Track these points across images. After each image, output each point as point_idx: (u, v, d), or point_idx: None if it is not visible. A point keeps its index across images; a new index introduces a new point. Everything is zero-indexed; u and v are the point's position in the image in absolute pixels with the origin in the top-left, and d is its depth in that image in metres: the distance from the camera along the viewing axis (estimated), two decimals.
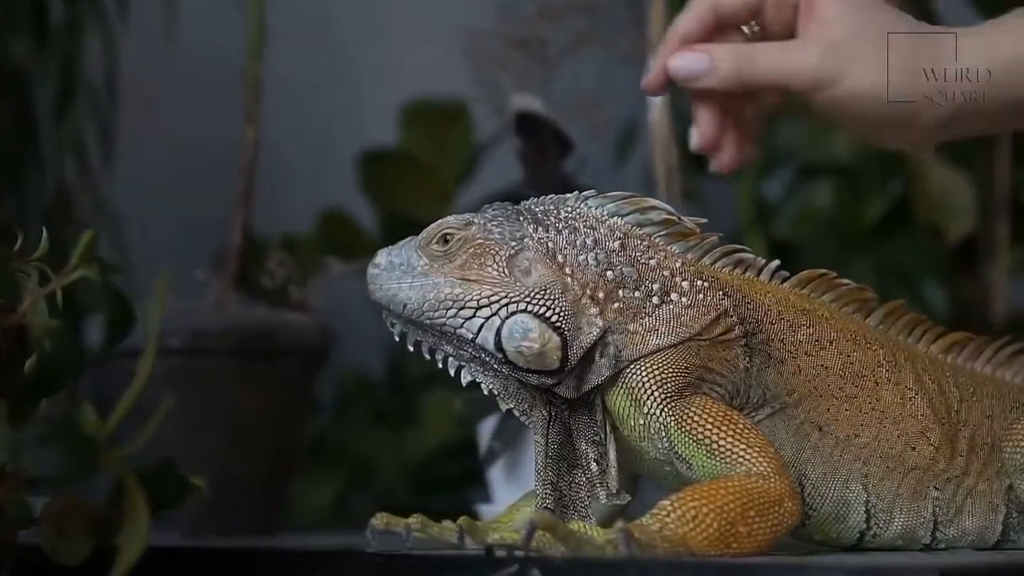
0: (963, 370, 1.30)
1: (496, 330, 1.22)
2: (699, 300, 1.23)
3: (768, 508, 1.13)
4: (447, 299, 1.23)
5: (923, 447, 1.25)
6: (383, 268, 1.25)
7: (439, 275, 1.23)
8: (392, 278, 1.25)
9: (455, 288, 1.23)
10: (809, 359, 1.25)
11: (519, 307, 1.22)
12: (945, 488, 1.25)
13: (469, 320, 1.22)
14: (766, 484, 1.14)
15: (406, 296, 1.24)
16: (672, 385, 1.21)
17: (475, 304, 1.22)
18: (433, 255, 1.24)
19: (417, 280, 1.24)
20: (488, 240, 1.23)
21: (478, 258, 1.23)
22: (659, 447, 1.21)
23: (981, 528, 1.26)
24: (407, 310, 1.24)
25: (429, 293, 1.23)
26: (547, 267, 1.23)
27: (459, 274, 1.23)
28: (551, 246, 1.23)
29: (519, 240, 1.23)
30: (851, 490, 1.23)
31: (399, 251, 1.26)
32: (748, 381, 1.23)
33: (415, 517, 1.33)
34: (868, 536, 1.24)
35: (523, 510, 1.36)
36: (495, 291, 1.22)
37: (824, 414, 1.24)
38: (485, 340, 1.22)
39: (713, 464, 1.17)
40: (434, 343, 1.25)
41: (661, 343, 1.22)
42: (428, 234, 1.25)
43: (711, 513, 1.12)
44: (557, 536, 1.10)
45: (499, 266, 1.23)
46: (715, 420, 1.18)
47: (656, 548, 1.09)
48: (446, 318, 1.23)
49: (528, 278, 1.22)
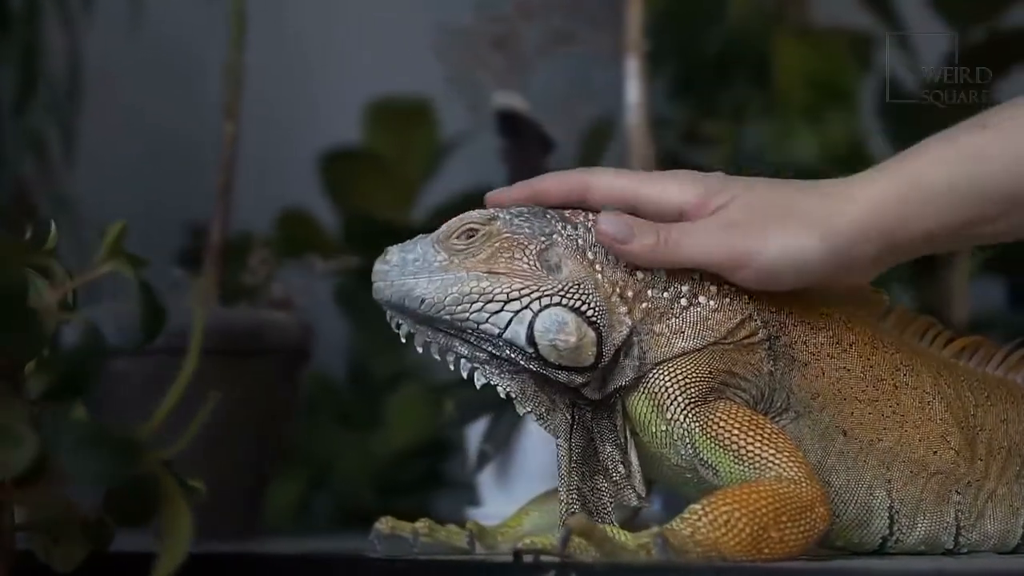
0: (976, 374, 1.30)
1: (528, 323, 1.18)
2: (725, 304, 1.22)
3: (800, 513, 1.12)
4: (472, 293, 1.19)
5: (944, 451, 1.25)
6: (394, 264, 1.20)
7: (461, 269, 1.19)
8: (406, 274, 1.20)
9: (481, 281, 1.19)
10: (831, 361, 1.24)
11: (552, 300, 1.19)
12: (967, 492, 1.25)
13: (496, 315, 1.19)
14: (797, 489, 1.13)
15: (423, 291, 1.19)
16: (696, 390, 1.19)
17: (504, 297, 1.19)
18: (454, 250, 1.20)
19: (436, 275, 1.19)
20: (516, 234, 1.20)
21: (506, 251, 1.20)
22: (682, 453, 1.19)
23: (1002, 532, 1.26)
24: (424, 306, 1.19)
25: (452, 287, 1.19)
26: (577, 263, 1.20)
27: (485, 267, 1.19)
28: (581, 243, 1.21)
29: (548, 236, 1.21)
30: (875, 496, 1.23)
31: (413, 247, 1.21)
32: (772, 385, 1.22)
33: (422, 522, 1.31)
34: (890, 542, 1.23)
35: (532, 514, 1.35)
36: (526, 284, 1.19)
37: (848, 418, 1.23)
38: (515, 334, 1.18)
39: (741, 470, 1.16)
40: (446, 343, 1.21)
41: (686, 346, 1.20)
42: (449, 228, 1.21)
43: (743, 518, 1.10)
44: (592, 541, 1.08)
45: (529, 260, 1.20)
46: (742, 425, 1.17)
47: (689, 553, 1.08)
48: (470, 312, 1.19)
49: (559, 273, 1.20)
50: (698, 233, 1.20)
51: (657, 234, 1.20)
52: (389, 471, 2.21)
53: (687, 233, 1.20)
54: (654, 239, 1.20)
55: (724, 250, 1.20)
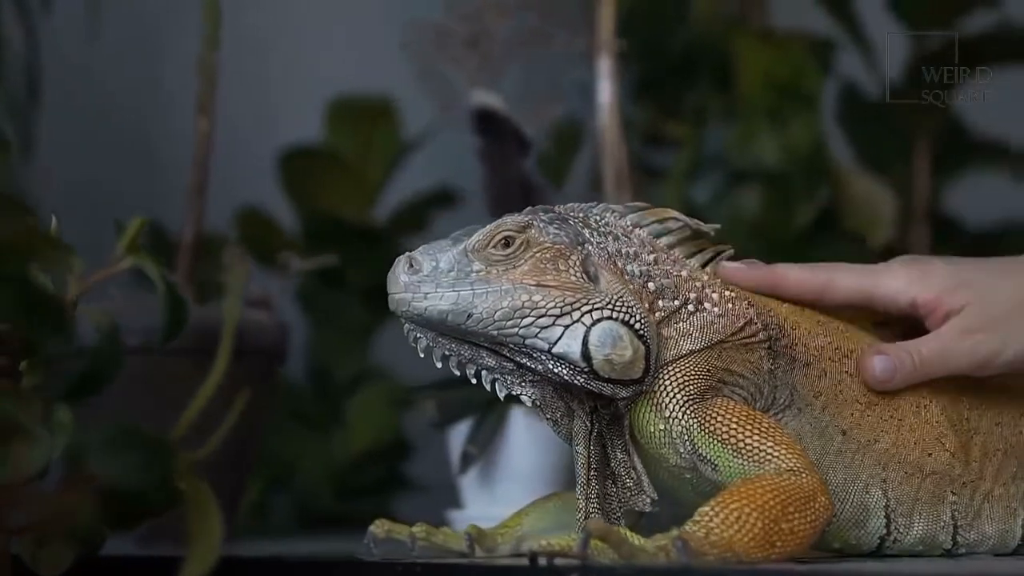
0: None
1: (582, 338, 1.16)
2: (729, 310, 1.23)
3: (805, 504, 1.13)
4: (524, 307, 1.16)
5: (939, 453, 1.26)
6: (427, 274, 1.16)
7: (504, 281, 1.16)
8: (442, 285, 1.16)
9: (533, 295, 1.16)
10: (833, 364, 1.25)
11: (603, 314, 1.17)
12: (962, 493, 1.27)
13: (547, 329, 1.16)
14: (799, 480, 1.13)
15: (469, 305, 1.15)
16: (694, 388, 1.20)
17: (557, 311, 1.16)
18: (492, 260, 1.17)
19: (479, 287, 1.16)
20: (556, 243, 1.18)
21: (552, 262, 1.17)
22: (681, 452, 1.19)
23: (1000, 532, 1.28)
24: (471, 320, 1.15)
25: (502, 301, 1.16)
26: (611, 273, 1.19)
27: (534, 279, 1.17)
28: (610, 251, 1.20)
29: (582, 244, 1.19)
30: (871, 495, 1.24)
31: (444, 256, 1.17)
32: (774, 382, 1.23)
33: (419, 525, 1.30)
34: (888, 541, 1.24)
35: (530, 515, 1.34)
36: (577, 297, 1.17)
37: (848, 418, 1.24)
38: (568, 349, 1.16)
39: (740, 463, 1.16)
40: (470, 356, 1.18)
41: (693, 348, 1.20)
42: (484, 237, 1.18)
43: (754, 513, 1.10)
44: (610, 543, 1.07)
45: (575, 270, 1.18)
46: (739, 420, 1.18)
47: (706, 555, 1.08)
48: (520, 328, 1.16)
49: (599, 284, 1.18)
50: (944, 347, 1.26)
51: (912, 360, 1.26)
52: (350, 473, 2.19)
53: (934, 350, 1.26)
54: (911, 368, 1.26)
55: (969, 359, 1.26)
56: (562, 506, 1.34)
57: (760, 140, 2.18)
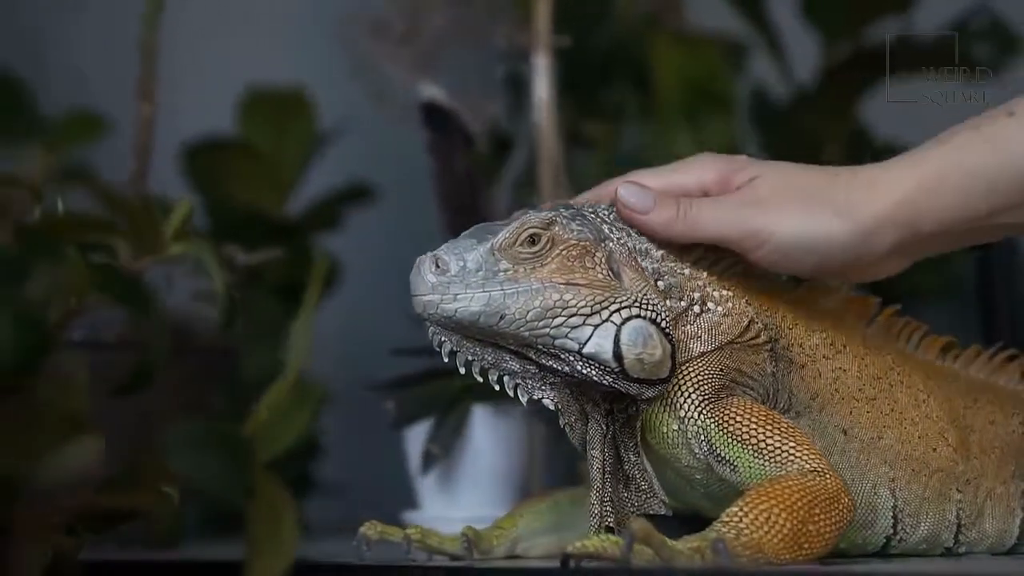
0: (961, 376, 1.33)
1: (614, 338, 1.14)
2: (731, 308, 1.22)
3: (830, 504, 1.12)
4: (556, 306, 1.13)
5: (943, 448, 1.27)
6: (454, 275, 1.13)
7: (533, 280, 1.14)
8: (471, 286, 1.12)
9: (564, 294, 1.14)
10: (827, 362, 1.25)
11: (632, 312, 1.15)
12: (966, 490, 1.27)
13: (577, 329, 1.14)
14: (823, 481, 1.13)
15: (501, 306, 1.12)
16: (708, 387, 1.18)
17: (588, 310, 1.14)
18: (519, 258, 1.14)
19: (509, 287, 1.13)
20: (582, 240, 1.16)
21: (579, 259, 1.15)
22: (696, 452, 1.18)
23: (1000, 531, 1.29)
24: (504, 322, 1.12)
25: (533, 301, 1.13)
26: (633, 270, 1.17)
27: (563, 278, 1.14)
28: (629, 247, 1.18)
29: (603, 240, 1.17)
30: (879, 495, 1.24)
31: (471, 255, 1.14)
32: (776, 386, 1.22)
33: (413, 528, 1.27)
34: (894, 541, 1.25)
35: (524, 516, 1.32)
36: (605, 295, 1.15)
37: (847, 417, 1.24)
38: (600, 349, 1.14)
39: (761, 464, 1.15)
40: (494, 360, 1.16)
41: (704, 349, 1.19)
42: (511, 234, 1.14)
43: (783, 513, 1.10)
44: (652, 546, 1.05)
45: (601, 268, 1.16)
46: (758, 420, 1.17)
47: (740, 556, 1.07)
48: (551, 328, 1.13)
49: (621, 281, 1.16)
50: (718, 208, 1.19)
51: (678, 207, 1.18)
52: None
53: (707, 208, 1.19)
54: (673, 212, 1.18)
55: (741, 226, 1.18)
56: (555, 507, 1.32)
57: (676, 141, 2.18)
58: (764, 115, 2.28)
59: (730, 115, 2.18)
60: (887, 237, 1.19)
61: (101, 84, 1.94)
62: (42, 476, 0.84)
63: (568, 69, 2.16)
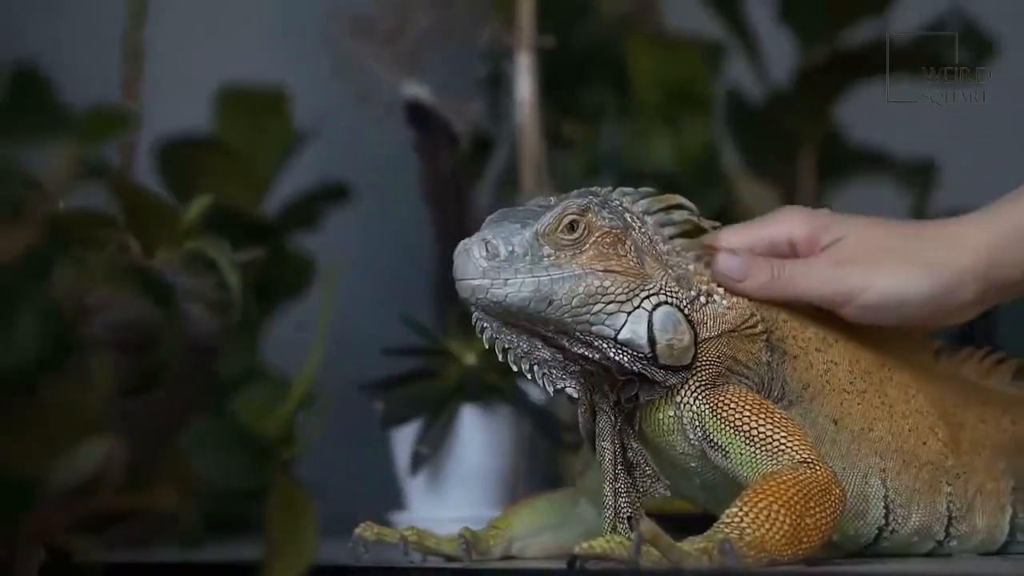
0: (952, 376, 1.34)
1: (647, 324, 1.16)
2: (735, 303, 1.23)
3: (823, 496, 1.13)
4: (597, 292, 1.15)
5: (933, 442, 1.28)
6: (503, 259, 1.13)
7: (575, 266, 1.15)
8: (521, 271, 1.13)
9: (603, 280, 1.15)
10: (819, 355, 1.26)
11: (660, 299, 1.17)
12: (956, 484, 1.29)
13: (612, 316, 1.15)
14: (815, 472, 1.14)
15: (549, 291, 1.13)
16: (706, 374, 1.19)
17: (624, 297, 1.15)
18: (561, 244, 1.15)
19: (554, 273, 1.14)
20: (613, 227, 1.17)
21: (612, 247, 1.16)
22: (690, 438, 1.19)
23: (990, 526, 1.30)
24: (552, 307, 1.13)
25: (577, 287, 1.14)
26: (653, 259, 1.19)
27: (601, 265, 1.15)
28: (650, 236, 1.19)
29: (627, 229, 1.18)
30: (870, 485, 1.25)
31: (517, 239, 1.14)
32: (770, 375, 1.23)
33: (409, 529, 1.27)
34: (886, 532, 1.25)
35: (521, 514, 1.32)
36: (637, 283, 1.16)
37: (838, 407, 1.25)
38: (634, 335, 1.15)
39: (752, 452, 1.16)
40: (528, 348, 1.16)
41: (707, 336, 1.20)
42: (555, 220, 1.15)
43: (782, 509, 1.11)
44: (660, 548, 1.05)
45: (632, 255, 1.17)
46: (751, 408, 1.18)
47: (745, 557, 1.07)
48: (591, 314, 1.14)
49: (643, 269, 1.17)
50: (810, 270, 1.25)
51: (771, 271, 1.24)
52: None
53: (800, 270, 1.25)
54: (768, 276, 1.24)
55: (834, 287, 1.25)
56: (551, 506, 1.32)
57: (654, 142, 2.18)
58: (740, 116, 2.29)
59: (708, 116, 2.19)
60: (969, 289, 1.25)
61: (84, 82, 1.92)
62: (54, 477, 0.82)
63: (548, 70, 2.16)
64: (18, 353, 0.75)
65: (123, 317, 0.88)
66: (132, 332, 0.90)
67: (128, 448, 0.86)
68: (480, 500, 1.55)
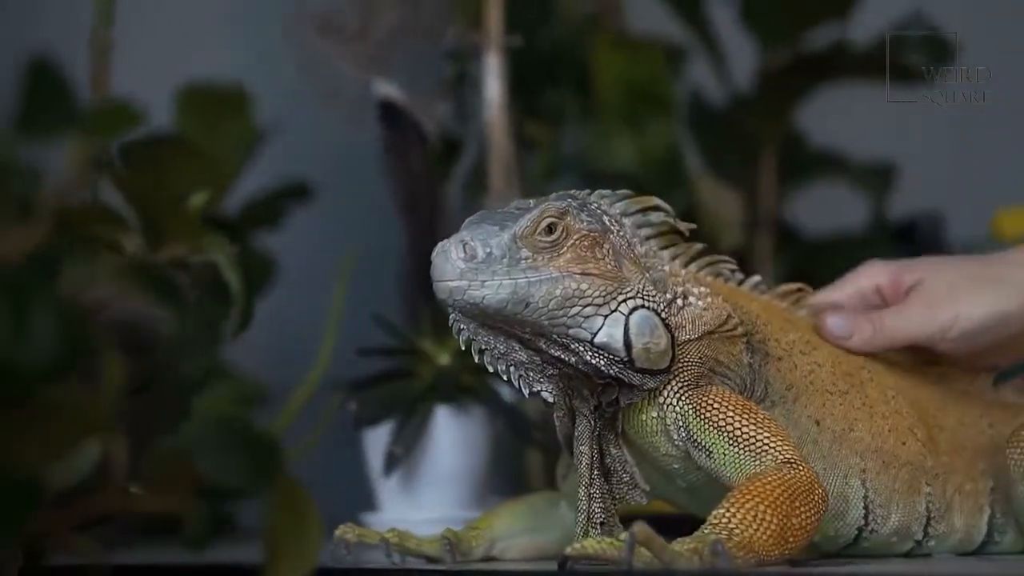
0: (934, 381, 1.36)
1: (624, 327, 1.15)
2: (711, 304, 1.23)
3: (807, 496, 1.14)
4: (574, 295, 1.14)
5: (912, 442, 1.29)
6: (481, 261, 1.12)
7: (552, 269, 1.14)
8: (499, 273, 1.12)
9: (580, 283, 1.14)
10: (804, 357, 1.27)
11: (637, 302, 1.17)
12: (935, 484, 1.30)
13: (589, 319, 1.15)
14: (798, 472, 1.15)
15: (526, 294, 1.13)
16: (688, 375, 1.20)
17: (600, 300, 1.15)
18: (538, 246, 1.14)
19: (531, 275, 1.13)
20: (591, 230, 1.16)
21: (590, 250, 1.16)
22: (674, 439, 1.19)
23: (968, 526, 1.31)
24: (528, 309, 1.13)
25: (555, 289, 1.13)
26: (631, 262, 1.18)
27: (578, 268, 1.15)
28: (628, 239, 1.19)
29: (605, 232, 1.18)
30: (850, 485, 1.26)
31: (495, 241, 1.13)
32: (752, 376, 1.24)
33: (391, 531, 1.26)
34: (866, 532, 1.26)
35: (502, 516, 1.32)
36: (614, 286, 1.16)
37: (820, 408, 1.26)
38: (610, 338, 1.15)
39: (735, 452, 1.17)
40: (505, 350, 1.16)
41: (688, 338, 1.20)
42: (532, 222, 1.14)
43: (768, 510, 1.11)
44: (653, 550, 1.05)
45: (609, 258, 1.16)
46: (734, 408, 1.18)
47: (736, 558, 1.07)
48: (568, 317, 1.14)
49: (621, 272, 1.17)
50: (904, 315, 1.33)
51: (872, 324, 1.31)
52: None
53: (895, 317, 1.33)
54: (871, 330, 1.32)
55: (931, 325, 1.33)
56: (532, 508, 1.32)
57: (616, 143, 2.19)
58: (701, 118, 2.30)
59: (670, 118, 2.19)
60: None
61: None
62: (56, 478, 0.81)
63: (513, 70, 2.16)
64: (34, 353, 0.74)
65: (122, 317, 0.87)
66: (132, 332, 0.88)
67: (128, 448, 0.84)
68: (453, 501, 1.55)
